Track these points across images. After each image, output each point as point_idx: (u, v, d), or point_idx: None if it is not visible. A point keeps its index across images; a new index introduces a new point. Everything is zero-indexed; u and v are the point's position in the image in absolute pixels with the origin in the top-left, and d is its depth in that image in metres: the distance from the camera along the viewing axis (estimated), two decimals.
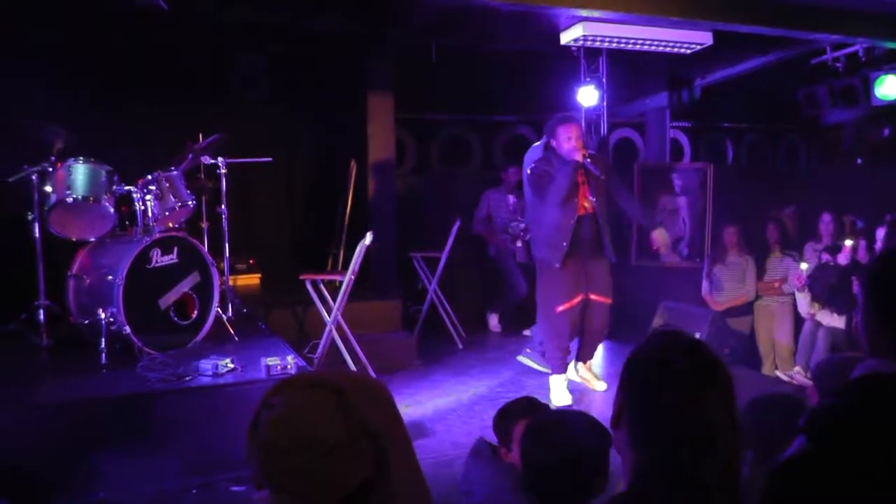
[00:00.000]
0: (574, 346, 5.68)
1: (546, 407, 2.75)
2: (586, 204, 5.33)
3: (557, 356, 5.46)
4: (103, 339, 4.45)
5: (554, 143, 5.32)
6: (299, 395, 1.36)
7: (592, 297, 5.49)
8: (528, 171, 5.47)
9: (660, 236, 5.74)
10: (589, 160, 5.18)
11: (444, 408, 5.26)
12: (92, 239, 5.00)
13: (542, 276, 5.58)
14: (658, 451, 1.45)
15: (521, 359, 6.20)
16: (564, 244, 5.27)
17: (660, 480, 1.43)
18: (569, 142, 5.20)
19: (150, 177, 5.09)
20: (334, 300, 5.68)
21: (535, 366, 6.04)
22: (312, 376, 1.47)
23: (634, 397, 1.51)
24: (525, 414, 2.58)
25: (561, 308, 5.36)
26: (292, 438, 1.29)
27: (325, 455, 1.28)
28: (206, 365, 4.29)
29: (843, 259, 6.25)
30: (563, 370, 5.48)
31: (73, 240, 5.03)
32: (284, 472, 1.30)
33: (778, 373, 6.74)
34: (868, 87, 7.36)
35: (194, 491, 3.77)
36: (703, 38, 6.41)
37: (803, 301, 6.54)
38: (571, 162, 5.16)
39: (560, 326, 5.41)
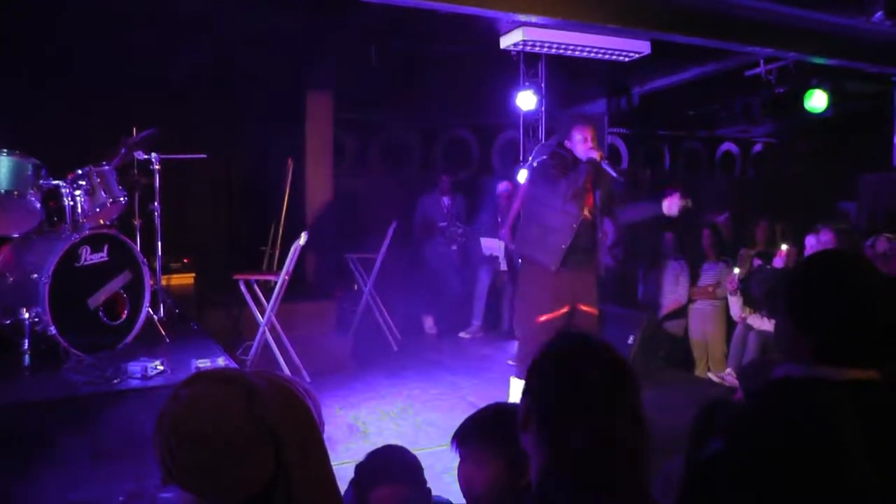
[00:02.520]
0: None
1: (418, 471, 2.35)
2: (586, 211, 5.02)
3: (527, 362, 5.13)
4: (26, 341, 4.27)
5: (568, 144, 5.03)
6: (207, 389, 1.33)
7: (581, 307, 5.10)
8: (536, 164, 5.18)
9: None
10: (606, 162, 4.92)
11: (378, 410, 5.23)
12: (16, 235, 4.80)
13: (528, 279, 5.23)
14: (564, 451, 1.45)
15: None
16: (563, 247, 4.92)
17: (566, 481, 1.45)
18: (584, 143, 4.91)
19: (80, 171, 4.91)
20: (268, 300, 5.60)
21: None
22: (226, 372, 1.44)
23: (541, 399, 1.53)
24: (387, 479, 2.25)
25: (543, 318, 5.00)
26: (192, 431, 1.27)
27: (223, 451, 1.26)
28: (135, 367, 4.17)
29: (778, 262, 6.41)
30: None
31: None
32: (184, 466, 1.28)
33: (710, 375, 6.89)
34: (798, 99, 7.58)
35: (121, 498, 3.66)
36: (641, 47, 6.52)
37: (735, 305, 6.70)
38: (589, 160, 4.86)
39: (539, 336, 4.94)
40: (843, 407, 1.48)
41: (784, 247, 6.45)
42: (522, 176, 7.02)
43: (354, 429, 4.84)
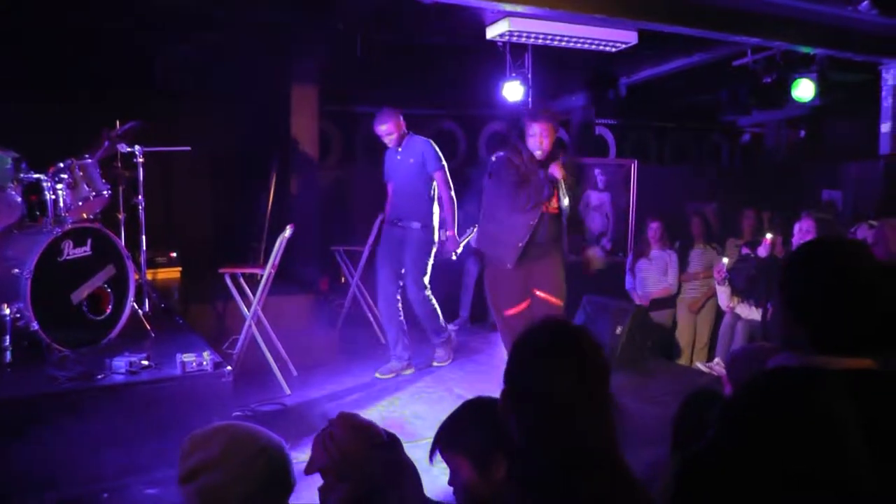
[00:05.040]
0: None
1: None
2: (551, 206, 5.08)
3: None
4: (8, 337, 4.22)
5: (527, 137, 5.05)
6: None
7: (536, 292, 5.15)
8: (493, 160, 5.27)
9: (593, 258, 5.56)
10: (563, 157, 5.04)
11: (365, 403, 5.20)
12: None
13: (489, 274, 5.34)
14: (530, 425, 1.59)
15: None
16: (520, 245, 4.99)
17: (539, 461, 1.56)
18: (532, 138, 4.96)
19: (61, 164, 4.86)
20: (254, 294, 5.56)
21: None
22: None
23: (514, 383, 1.66)
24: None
25: (511, 312, 5.15)
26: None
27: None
28: (119, 362, 4.13)
29: (762, 251, 6.42)
30: None
31: None
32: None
33: (698, 364, 6.89)
34: (785, 89, 7.58)
35: (105, 495, 3.63)
36: (628, 37, 6.49)
37: (723, 294, 6.70)
38: (552, 179, 4.99)
39: (509, 330, 5.14)
40: (840, 396, 1.47)
41: (768, 236, 6.45)
42: None
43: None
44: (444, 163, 5.86)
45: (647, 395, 5.33)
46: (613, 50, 6.76)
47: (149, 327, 5.12)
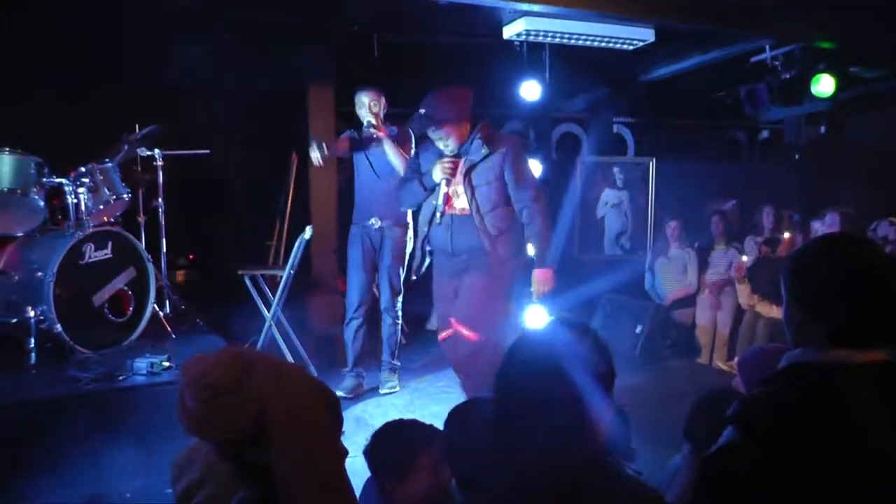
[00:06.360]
0: None
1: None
2: (455, 202, 4.25)
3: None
4: (32, 339, 4.28)
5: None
6: (216, 353, 1.76)
7: (454, 324, 4.15)
8: None
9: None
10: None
11: (385, 402, 5.23)
12: (20, 233, 4.79)
13: None
14: (514, 428, 1.66)
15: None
16: (428, 247, 4.41)
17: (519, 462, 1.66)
18: (438, 142, 4.46)
19: (83, 169, 4.92)
20: (274, 295, 5.59)
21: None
22: (240, 349, 1.94)
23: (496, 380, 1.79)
24: (429, 443, 2.39)
25: (441, 335, 4.39)
26: (193, 375, 1.63)
27: (211, 395, 1.57)
28: (140, 363, 4.18)
29: (784, 251, 6.37)
30: None
31: None
32: (184, 405, 1.60)
33: (718, 363, 6.85)
34: (805, 85, 7.50)
35: (128, 495, 3.67)
36: (645, 35, 6.46)
37: (743, 293, 6.66)
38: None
39: (449, 357, 4.43)
40: (863, 390, 1.46)
41: (786, 235, 6.40)
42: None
43: (362, 421, 4.82)
44: None
45: (666, 394, 5.31)
46: (631, 48, 6.73)
47: (169, 329, 5.17)
